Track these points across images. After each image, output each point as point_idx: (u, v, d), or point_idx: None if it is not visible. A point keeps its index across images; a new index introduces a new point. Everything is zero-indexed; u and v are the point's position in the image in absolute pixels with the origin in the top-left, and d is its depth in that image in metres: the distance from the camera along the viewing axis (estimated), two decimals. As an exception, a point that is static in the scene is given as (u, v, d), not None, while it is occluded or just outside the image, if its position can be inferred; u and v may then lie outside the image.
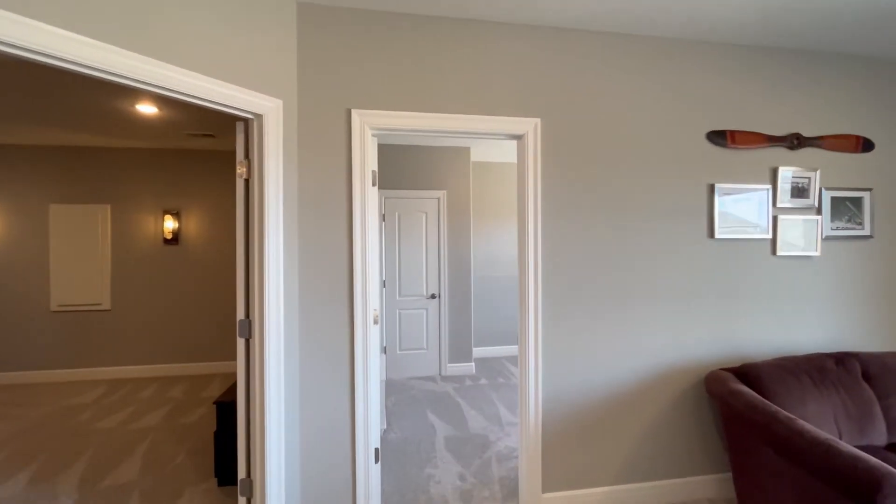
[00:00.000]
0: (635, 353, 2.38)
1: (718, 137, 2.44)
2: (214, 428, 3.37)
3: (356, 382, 2.11)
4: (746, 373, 2.18)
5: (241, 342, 1.96)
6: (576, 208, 2.32)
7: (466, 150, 4.84)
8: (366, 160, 2.13)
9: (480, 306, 5.55)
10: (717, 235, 2.43)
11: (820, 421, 2.03)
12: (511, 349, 5.62)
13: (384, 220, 4.69)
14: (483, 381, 4.61)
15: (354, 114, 2.09)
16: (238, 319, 1.95)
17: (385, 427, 3.30)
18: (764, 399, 1.96)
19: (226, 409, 2.58)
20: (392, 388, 4.38)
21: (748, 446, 1.99)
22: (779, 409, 1.85)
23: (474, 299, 5.52)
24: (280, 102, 1.95)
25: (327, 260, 2.11)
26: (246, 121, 1.96)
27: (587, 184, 2.33)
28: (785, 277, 2.52)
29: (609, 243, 2.35)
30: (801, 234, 2.53)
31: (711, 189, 2.44)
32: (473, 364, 4.88)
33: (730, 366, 2.47)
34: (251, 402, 1.94)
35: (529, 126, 2.25)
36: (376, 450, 2.22)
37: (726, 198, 2.45)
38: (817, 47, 2.51)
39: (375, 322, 2.22)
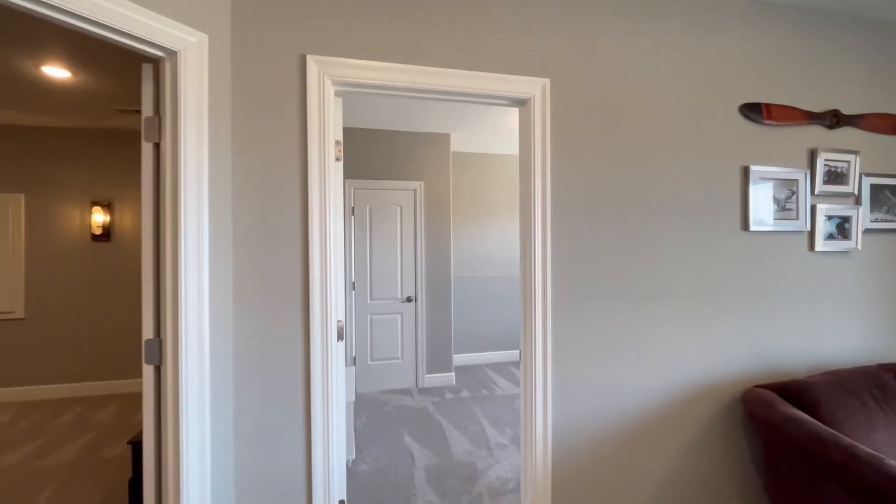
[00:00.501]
0: (660, 368, 1.97)
1: (752, 111, 2.06)
2: (130, 474, 2.72)
3: (313, 418, 1.59)
4: (796, 392, 1.80)
5: (147, 370, 1.40)
6: (591, 194, 1.88)
7: (446, 136, 4.37)
8: (326, 125, 1.62)
9: (459, 309, 5.09)
10: (751, 227, 2.05)
11: (891, 451, 1.66)
12: (493, 356, 5.18)
13: (353, 213, 4.15)
14: (464, 393, 4.14)
15: (311, 61, 1.58)
16: (144, 339, 1.40)
17: (353, 457, 2.78)
18: (830, 429, 1.57)
19: (145, 450, 2.00)
20: (362, 405, 3.85)
21: (807, 485, 1.60)
22: (855, 442, 1.47)
23: (453, 302, 5.05)
24: (205, 38, 1.41)
25: (273, 259, 1.58)
26: (156, 61, 1.41)
27: (605, 164, 1.89)
28: (823, 276, 2.17)
29: (630, 236, 1.93)
30: (841, 226, 2.19)
31: (745, 172, 2.06)
32: (453, 374, 4.41)
33: (766, 381, 2.09)
34: (162, 455, 1.39)
35: (536, 88, 1.79)
36: (341, 502, 1.70)
37: (762, 183, 2.07)
38: (862, 13, 2.17)
39: (340, 338, 1.71)
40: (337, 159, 1.73)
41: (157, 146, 1.41)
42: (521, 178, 1.87)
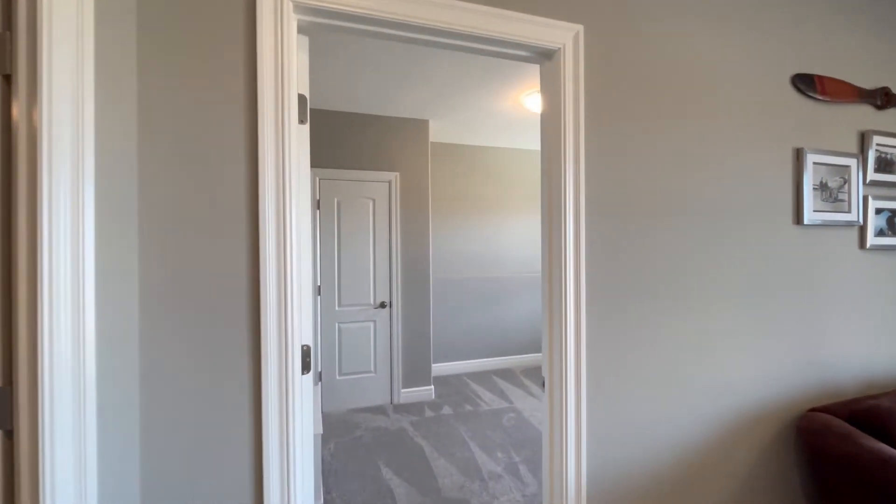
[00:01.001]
0: (704, 392, 1.61)
1: (805, 84, 1.74)
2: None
3: (267, 486, 1.11)
4: (873, 418, 1.49)
5: (-10, 440, 0.88)
6: (629, 181, 1.49)
7: (424, 122, 3.91)
8: (286, 71, 1.14)
9: (435, 315, 4.65)
10: (805, 220, 1.73)
11: None
12: (473, 364, 4.77)
13: (319, 207, 3.62)
14: (446, 409, 3.70)
15: (262, -28, 1.09)
16: (-17, 389, 0.87)
17: (321, 502, 2.28)
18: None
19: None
20: (330, 428, 3.33)
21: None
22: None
23: (432, 307, 4.60)
24: (89, -87, 0.90)
25: (205, 263, 1.09)
26: (3, -56, 0.89)
27: (645, 143, 1.51)
28: (874, 277, 1.89)
29: (669, 234, 1.56)
30: (890, 220, 1.92)
31: (798, 155, 1.74)
32: (432, 387, 3.96)
33: (817, 401, 1.78)
34: (14, 576, 0.87)
35: (567, 36, 1.38)
36: None
37: (815, 169, 1.76)
38: (911, -25, 1.91)
39: (306, 368, 1.23)
40: (301, 121, 1.25)
41: (7, 80, 0.89)
42: (546, 159, 1.46)
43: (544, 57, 1.42)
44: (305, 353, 1.23)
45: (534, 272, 5.01)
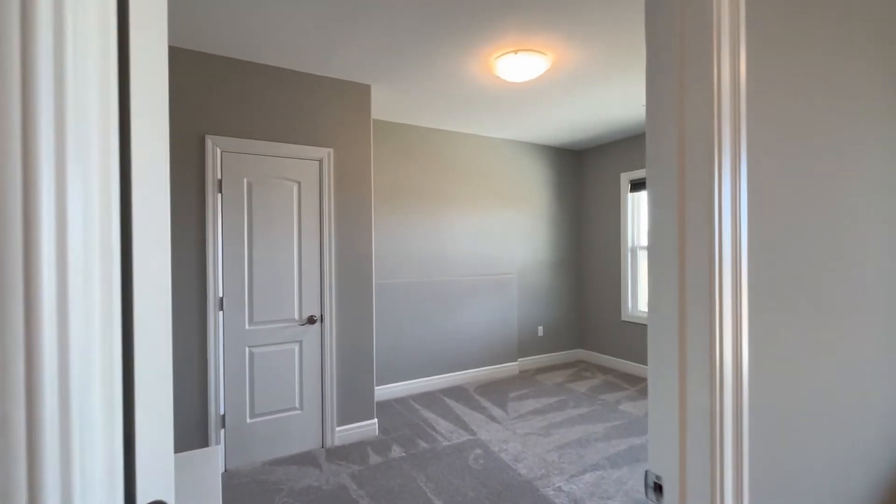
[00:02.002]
0: (859, 463, 1.07)
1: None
2: None
3: None
4: None
5: None
6: (791, 146, 0.89)
7: (365, 88, 3.10)
8: None
9: (375, 328, 3.84)
10: (935, 207, 1.27)
11: None
12: (418, 385, 4.04)
13: (221, 190, 2.64)
14: (396, 450, 2.93)
15: None
16: None
17: None
18: None
19: None
20: (239, 494, 2.39)
21: None
22: None
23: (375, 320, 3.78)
24: None
25: None
26: None
27: (805, 87, 0.92)
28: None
29: (818, 209, 0.99)
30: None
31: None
32: (376, 421, 3.16)
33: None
34: None
35: None
36: None
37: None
38: None
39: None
40: None
41: None
42: (671, 121, 0.79)
43: None
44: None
45: (487, 274, 4.40)
